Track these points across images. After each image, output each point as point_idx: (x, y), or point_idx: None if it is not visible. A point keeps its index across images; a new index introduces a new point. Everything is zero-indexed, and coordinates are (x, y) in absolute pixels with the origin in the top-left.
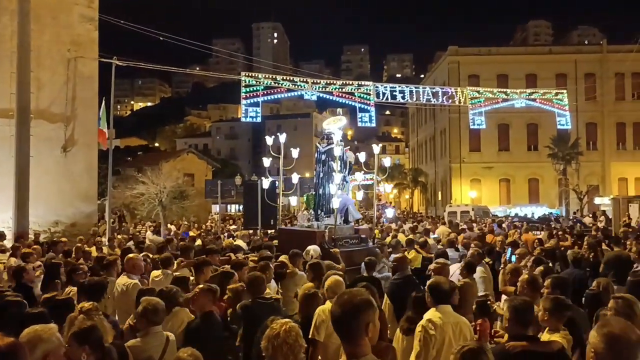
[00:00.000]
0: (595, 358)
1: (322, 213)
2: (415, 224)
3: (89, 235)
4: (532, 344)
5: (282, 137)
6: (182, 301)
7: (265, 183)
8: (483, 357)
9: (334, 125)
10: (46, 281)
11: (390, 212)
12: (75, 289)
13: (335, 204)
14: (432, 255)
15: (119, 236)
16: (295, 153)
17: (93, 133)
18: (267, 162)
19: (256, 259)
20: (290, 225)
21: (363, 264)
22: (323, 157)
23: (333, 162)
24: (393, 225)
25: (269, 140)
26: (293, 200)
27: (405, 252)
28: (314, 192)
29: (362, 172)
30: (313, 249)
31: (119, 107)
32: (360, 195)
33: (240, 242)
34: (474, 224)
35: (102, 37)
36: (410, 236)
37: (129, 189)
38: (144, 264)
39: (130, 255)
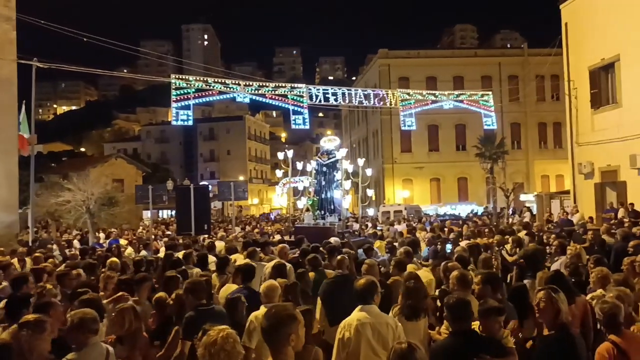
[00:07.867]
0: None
1: (327, 213)
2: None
3: (10, 246)
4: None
5: (290, 153)
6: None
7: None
8: (414, 355)
9: (330, 144)
10: None
11: (371, 211)
12: None
13: (345, 204)
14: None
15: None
16: (299, 165)
17: (13, 139)
18: (279, 173)
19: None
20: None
21: (361, 250)
22: (324, 169)
23: (336, 172)
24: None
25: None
26: (300, 203)
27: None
28: (317, 197)
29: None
30: (334, 240)
31: (40, 110)
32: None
33: (220, 244)
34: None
35: (21, 38)
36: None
37: (54, 196)
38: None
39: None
